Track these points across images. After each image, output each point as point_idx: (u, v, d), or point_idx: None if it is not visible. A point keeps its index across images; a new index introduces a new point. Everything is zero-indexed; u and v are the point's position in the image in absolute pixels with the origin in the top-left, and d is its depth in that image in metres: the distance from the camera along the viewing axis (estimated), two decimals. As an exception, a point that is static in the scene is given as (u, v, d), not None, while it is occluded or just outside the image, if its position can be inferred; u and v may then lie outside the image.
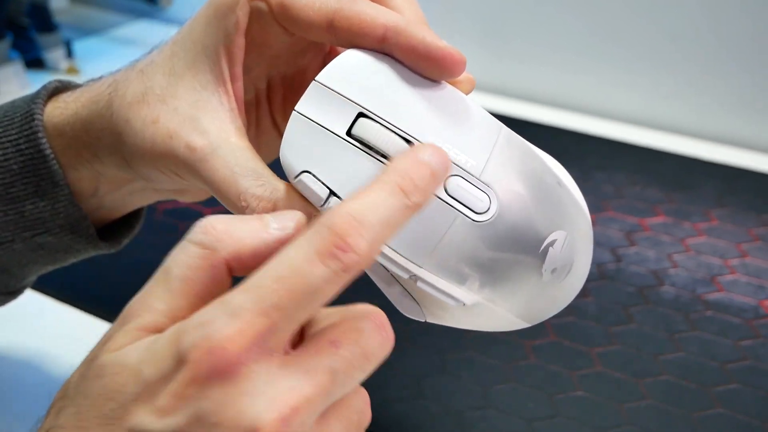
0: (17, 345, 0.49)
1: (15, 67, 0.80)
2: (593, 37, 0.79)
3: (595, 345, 0.49)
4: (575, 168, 0.69)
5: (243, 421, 0.22)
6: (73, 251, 0.38)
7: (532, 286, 0.30)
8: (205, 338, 0.22)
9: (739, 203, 0.65)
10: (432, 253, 0.28)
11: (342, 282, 0.23)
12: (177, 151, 0.31)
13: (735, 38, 0.73)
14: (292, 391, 0.22)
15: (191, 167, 0.31)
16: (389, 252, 0.28)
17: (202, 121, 0.31)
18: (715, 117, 0.77)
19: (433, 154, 0.26)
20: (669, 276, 0.56)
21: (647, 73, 0.78)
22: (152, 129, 0.31)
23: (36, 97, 0.36)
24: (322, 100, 0.29)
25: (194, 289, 0.25)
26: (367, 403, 0.26)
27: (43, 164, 0.35)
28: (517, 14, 0.82)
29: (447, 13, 0.85)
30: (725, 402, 0.45)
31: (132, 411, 0.23)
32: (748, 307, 0.53)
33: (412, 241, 0.28)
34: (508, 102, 0.82)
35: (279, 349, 0.23)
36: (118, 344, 0.24)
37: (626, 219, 0.62)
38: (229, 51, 0.32)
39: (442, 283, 0.29)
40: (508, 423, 0.44)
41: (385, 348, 0.25)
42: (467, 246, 0.29)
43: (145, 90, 0.32)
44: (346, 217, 0.23)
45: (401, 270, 0.28)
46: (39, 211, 0.35)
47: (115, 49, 0.94)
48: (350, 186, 0.28)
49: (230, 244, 0.25)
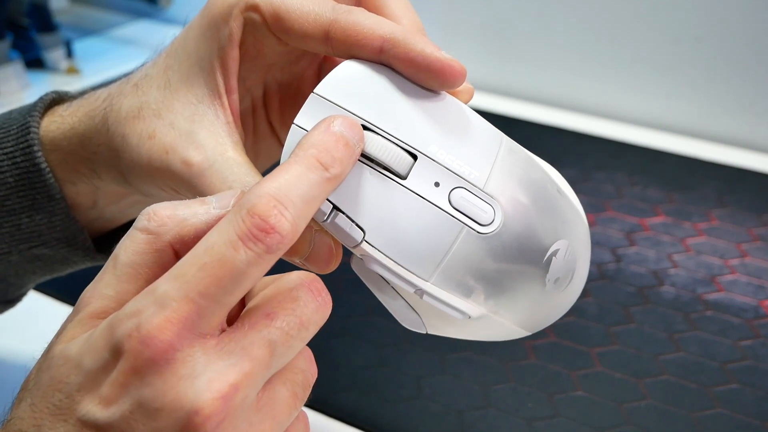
0: (17, 345, 0.49)
1: (15, 67, 0.80)
2: (594, 38, 0.79)
3: (595, 345, 0.49)
4: (575, 168, 0.69)
5: (184, 404, 0.22)
6: (70, 263, 0.38)
7: (536, 295, 0.30)
8: (136, 328, 0.23)
9: (739, 203, 0.65)
10: (438, 267, 0.28)
11: (268, 263, 0.24)
12: (174, 166, 0.31)
13: (735, 39, 0.73)
14: (229, 369, 0.23)
15: (188, 183, 0.31)
16: (394, 266, 0.28)
17: (198, 136, 0.31)
18: (716, 117, 0.77)
19: (344, 124, 0.26)
20: (669, 276, 0.56)
21: (647, 73, 0.78)
22: (148, 144, 0.31)
23: (32, 109, 0.35)
24: (321, 112, 0.28)
25: (141, 273, 0.25)
26: (311, 360, 0.27)
27: (39, 178, 0.34)
28: (517, 15, 0.82)
29: (448, 14, 0.85)
30: (725, 402, 0.45)
31: (78, 401, 0.23)
32: (748, 307, 0.53)
33: (419, 255, 0.28)
34: (508, 102, 0.82)
35: (213, 331, 0.24)
36: (70, 335, 0.25)
37: (626, 219, 0.62)
38: (223, 63, 0.31)
39: (448, 297, 0.29)
40: (508, 423, 0.44)
41: (322, 313, 0.26)
42: (473, 258, 0.28)
43: (140, 105, 0.32)
44: (266, 197, 0.24)
45: (406, 284, 0.28)
46: (35, 224, 0.35)
47: (115, 49, 0.94)
48: (353, 200, 0.28)
49: (173, 227, 0.26)
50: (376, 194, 0.28)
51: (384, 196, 0.28)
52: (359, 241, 0.28)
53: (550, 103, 0.82)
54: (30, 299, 0.52)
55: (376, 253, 0.28)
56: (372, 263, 0.28)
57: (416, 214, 0.28)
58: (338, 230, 0.28)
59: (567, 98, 0.82)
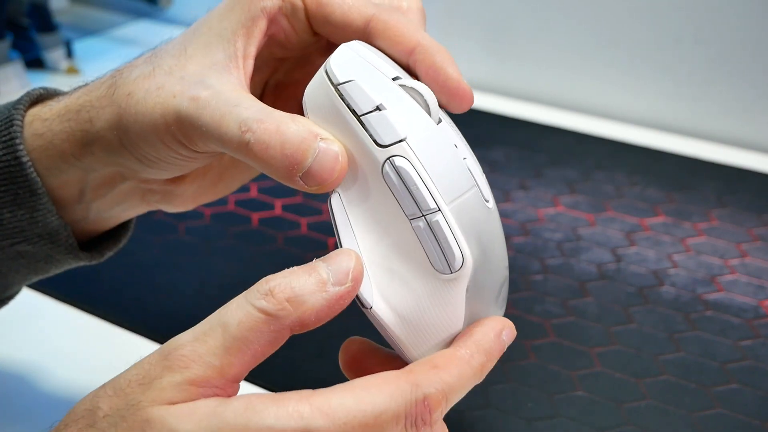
0: (17, 345, 0.49)
1: (15, 67, 0.80)
2: (594, 38, 0.79)
3: (595, 345, 0.49)
4: (575, 168, 0.69)
5: None
6: (54, 261, 0.37)
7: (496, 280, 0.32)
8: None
9: (739, 203, 0.65)
10: (458, 200, 0.29)
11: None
12: (180, 107, 0.30)
13: (735, 38, 0.73)
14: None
15: (193, 120, 0.30)
16: (427, 179, 0.28)
17: (208, 80, 0.31)
18: (716, 117, 0.77)
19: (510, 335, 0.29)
20: (669, 276, 0.56)
21: (647, 73, 0.78)
22: (155, 94, 0.31)
23: (18, 103, 0.35)
24: (352, 64, 0.30)
25: (251, 349, 0.26)
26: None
27: (20, 172, 0.34)
28: (517, 15, 0.82)
29: (448, 14, 0.85)
30: (725, 402, 0.45)
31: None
32: (748, 307, 0.53)
33: (447, 180, 0.29)
34: (508, 102, 0.82)
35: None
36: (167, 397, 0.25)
37: (626, 219, 0.62)
38: (248, 31, 0.31)
39: (456, 230, 0.28)
40: (508, 423, 0.44)
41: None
42: (478, 215, 0.29)
43: (153, 68, 0.32)
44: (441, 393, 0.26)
45: (429, 200, 0.28)
46: (17, 220, 0.35)
47: (115, 49, 0.94)
48: (394, 103, 0.29)
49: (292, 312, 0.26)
50: (419, 115, 0.29)
51: (426, 120, 0.29)
52: (402, 138, 0.28)
53: (550, 103, 0.82)
54: (30, 299, 0.52)
55: (414, 158, 0.28)
56: (403, 169, 0.28)
57: (447, 145, 0.29)
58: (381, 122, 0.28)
59: (567, 98, 0.82)
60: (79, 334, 0.50)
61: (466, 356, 0.28)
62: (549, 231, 0.61)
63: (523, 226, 0.61)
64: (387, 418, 0.25)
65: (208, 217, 0.61)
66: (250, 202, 0.63)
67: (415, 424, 0.25)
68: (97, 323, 0.50)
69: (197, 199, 0.39)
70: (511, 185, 0.66)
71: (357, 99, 0.29)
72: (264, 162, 0.28)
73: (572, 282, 0.55)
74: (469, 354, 0.28)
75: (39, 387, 0.45)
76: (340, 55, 0.30)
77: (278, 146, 0.28)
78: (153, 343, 0.49)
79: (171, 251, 0.57)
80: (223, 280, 0.54)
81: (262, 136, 0.28)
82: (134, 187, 0.36)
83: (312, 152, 0.28)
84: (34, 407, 0.44)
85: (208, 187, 0.39)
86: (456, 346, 0.29)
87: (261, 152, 0.28)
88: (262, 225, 0.60)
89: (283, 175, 0.28)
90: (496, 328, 0.29)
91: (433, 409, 0.26)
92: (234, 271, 0.55)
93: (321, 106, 0.29)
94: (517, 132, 0.76)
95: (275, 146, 0.28)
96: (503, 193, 0.65)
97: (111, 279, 0.54)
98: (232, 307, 0.26)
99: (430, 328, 0.29)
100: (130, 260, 0.55)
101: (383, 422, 0.25)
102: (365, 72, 0.29)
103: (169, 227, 0.60)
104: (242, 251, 0.57)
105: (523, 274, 0.56)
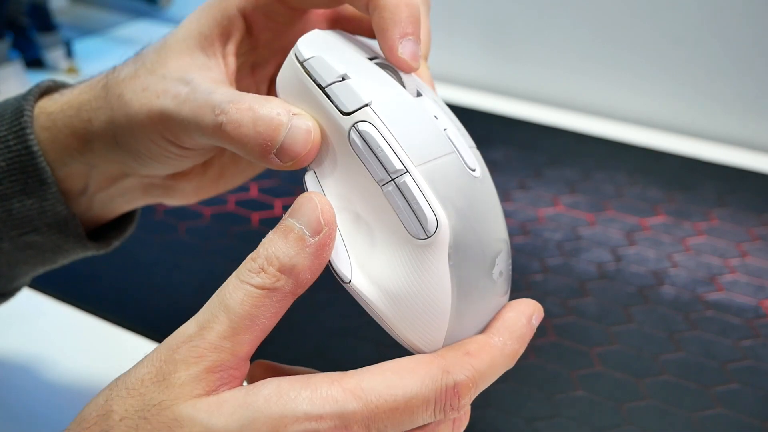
0: (17, 345, 0.49)
1: (15, 67, 0.80)
2: (594, 38, 0.79)
3: (595, 345, 0.49)
4: (575, 168, 0.69)
5: None
6: (62, 251, 0.37)
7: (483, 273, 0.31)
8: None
9: (739, 203, 0.65)
10: (428, 163, 0.28)
11: (437, 425, 0.27)
12: (163, 105, 0.31)
13: (735, 38, 0.73)
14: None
15: (175, 115, 0.31)
16: (392, 141, 0.28)
17: (188, 76, 0.32)
18: (716, 117, 0.77)
19: (539, 317, 0.30)
20: (669, 276, 0.56)
21: (648, 73, 0.78)
22: (141, 95, 0.32)
23: (28, 94, 0.36)
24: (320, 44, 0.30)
25: (259, 324, 0.26)
26: None
27: (31, 161, 0.34)
28: (517, 15, 0.82)
29: (448, 14, 0.85)
30: (725, 402, 0.45)
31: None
32: (748, 307, 0.53)
33: (415, 143, 0.28)
34: (508, 102, 0.82)
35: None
36: (191, 392, 0.25)
37: (626, 219, 0.62)
38: (224, 30, 0.33)
39: (427, 191, 0.27)
40: (508, 423, 0.44)
41: None
42: (458, 181, 0.29)
43: (136, 68, 0.33)
44: (471, 378, 0.26)
45: (396, 162, 0.28)
46: (26, 210, 0.35)
47: (115, 49, 0.94)
48: (360, 73, 0.29)
49: (289, 279, 0.26)
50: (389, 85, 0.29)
51: (397, 90, 0.29)
52: (366, 103, 0.28)
53: (550, 103, 0.82)
54: (30, 299, 0.52)
55: (378, 122, 0.28)
56: (367, 133, 0.28)
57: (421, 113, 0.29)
58: (344, 91, 0.28)
59: (567, 98, 0.82)
60: (79, 334, 0.50)
61: (499, 344, 0.28)
62: (549, 231, 0.61)
63: (523, 226, 0.61)
64: (417, 403, 0.25)
65: (208, 217, 0.61)
66: (250, 202, 0.63)
67: (443, 409, 0.26)
68: (97, 323, 0.50)
69: (199, 193, 0.39)
70: (511, 185, 0.66)
71: (321, 72, 0.29)
72: (238, 141, 0.29)
73: (572, 282, 0.55)
74: (502, 342, 0.28)
75: (39, 387, 0.45)
76: (310, 36, 0.30)
77: (251, 124, 0.28)
78: (153, 343, 0.49)
79: (171, 251, 0.57)
80: (223, 280, 0.54)
81: (234, 116, 0.29)
82: (136, 182, 0.37)
83: (284, 128, 0.28)
84: (35, 407, 0.44)
85: (209, 182, 0.39)
86: (489, 332, 0.29)
87: (234, 131, 0.29)
88: (262, 225, 0.60)
89: (257, 154, 0.29)
90: (527, 312, 0.30)
91: (462, 396, 0.26)
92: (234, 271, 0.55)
93: (290, 85, 0.30)
94: (517, 132, 0.76)
95: (248, 124, 0.28)
96: (503, 193, 0.65)
97: (111, 279, 0.54)
98: (229, 288, 0.27)
99: (416, 301, 0.28)
100: (130, 260, 0.55)
101: (413, 407, 0.25)
102: (333, 49, 0.30)
103: (169, 227, 0.60)
104: (242, 251, 0.57)
105: (523, 274, 0.56)
